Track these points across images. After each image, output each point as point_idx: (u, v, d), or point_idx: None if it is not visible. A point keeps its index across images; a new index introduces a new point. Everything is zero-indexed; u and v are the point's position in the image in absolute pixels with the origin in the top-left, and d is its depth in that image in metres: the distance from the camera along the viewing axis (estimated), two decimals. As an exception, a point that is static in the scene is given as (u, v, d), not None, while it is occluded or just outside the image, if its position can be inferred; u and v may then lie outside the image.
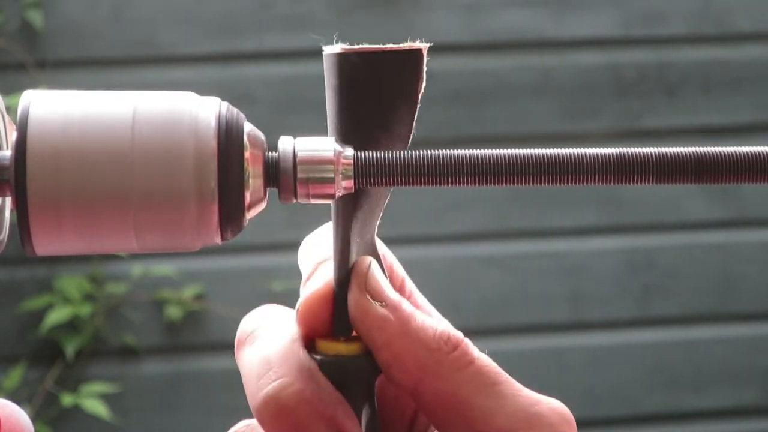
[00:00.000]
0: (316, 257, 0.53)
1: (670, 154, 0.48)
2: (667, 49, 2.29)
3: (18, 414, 0.60)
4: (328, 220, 0.52)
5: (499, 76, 2.26)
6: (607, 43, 2.28)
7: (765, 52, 2.31)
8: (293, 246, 2.05)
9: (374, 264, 0.51)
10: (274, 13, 2.22)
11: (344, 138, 0.50)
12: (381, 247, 0.53)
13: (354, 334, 0.51)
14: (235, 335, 0.55)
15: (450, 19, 2.24)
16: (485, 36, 2.25)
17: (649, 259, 2.30)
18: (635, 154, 0.48)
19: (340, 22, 2.22)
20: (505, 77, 2.26)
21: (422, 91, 0.51)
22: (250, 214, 0.48)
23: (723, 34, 2.30)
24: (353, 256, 0.51)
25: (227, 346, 2.30)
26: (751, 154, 0.48)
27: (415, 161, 0.49)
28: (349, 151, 0.49)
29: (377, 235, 0.53)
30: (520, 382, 0.52)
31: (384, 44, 0.49)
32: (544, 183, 0.48)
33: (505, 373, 0.51)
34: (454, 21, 2.24)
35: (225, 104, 0.48)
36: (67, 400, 2.11)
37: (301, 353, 0.50)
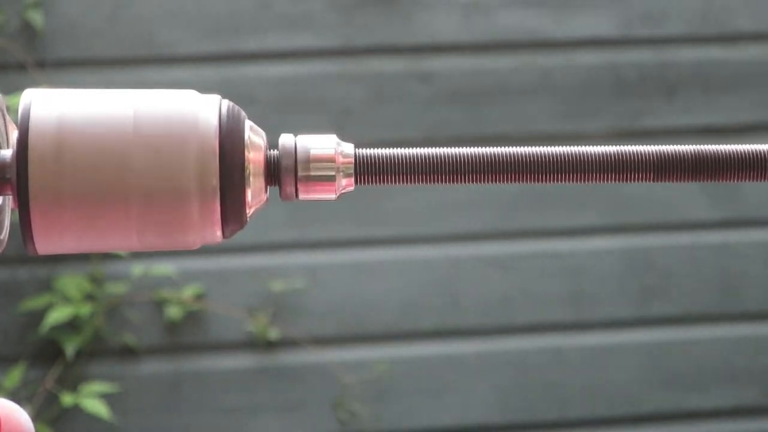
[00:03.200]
0: None
1: (669, 151, 0.48)
2: (667, 49, 2.29)
3: (18, 413, 0.60)
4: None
5: (498, 76, 2.26)
6: (607, 43, 2.28)
7: (765, 52, 2.31)
8: (293, 246, 2.07)
9: None
10: (274, 13, 2.22)
11: None
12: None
13: None
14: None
15: (449, 19, 2.24)
16: (485, 36, 2.25)
17: (649, 259, 2.30)
18: (634, 152, 0.48)
19: (340, 22, 2.22)
20: (505, 77, 2.26)
21: None
22: (251, 212, 0.48)
23: (723, 34, 2.30)
24: None
25: (227, 346, 2.30)
26: (749, 152, 0.48)
27: (415, 159, 0.49)
28: (350, 149, 0.49)
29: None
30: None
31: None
32: (544, 180, 0.48)
33: None
34: (453, 21, 2.24)
35: (226, 102, 0.48)
36: (67, 399, 2.11)
37: None
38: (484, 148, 0.49)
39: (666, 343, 2.31)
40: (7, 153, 0.48)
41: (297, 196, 0.49)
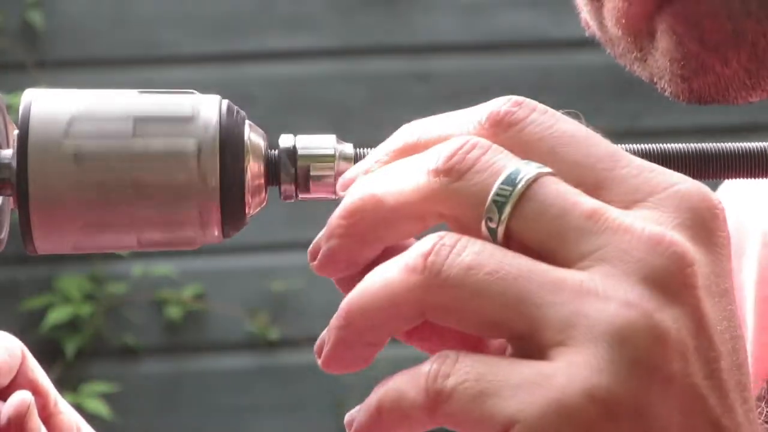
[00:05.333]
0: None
1: (671, 149, 0.48)
2: (667, 49, 2.29)
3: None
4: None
5: (498, 76, 2.26)
6: (607, 43, 2.28)
7: (765, 52, 2.31)
8: (293, 245, 2.06)
9: None
10: (274, 13, 2.22)
11: None
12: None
13: None
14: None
15: (450, 19, 2.24)
16: (485, 36, 2.25)
17: (649, 259, 2.30)
18: (635, 149, 0.48)
19: (340, 22, 2.22)
20: (505, 77, 2.26)
21: None
22: (251, 212, 0.49)
23: (723, 34, 2.30)
24: None
25: (227, 346, 2.30)
26: (750, 149, 0.48)
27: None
28: (350, 149, 0.49)
29: None
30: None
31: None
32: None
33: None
34: (454, 21, 2.24)
35: (226, 102, 0.48)
36: (67, 399, 2.10)
37: None
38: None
39: (666, 343, 2.32)
40: (8, 153, 0.48)
41: (297, 196, 0.49)
